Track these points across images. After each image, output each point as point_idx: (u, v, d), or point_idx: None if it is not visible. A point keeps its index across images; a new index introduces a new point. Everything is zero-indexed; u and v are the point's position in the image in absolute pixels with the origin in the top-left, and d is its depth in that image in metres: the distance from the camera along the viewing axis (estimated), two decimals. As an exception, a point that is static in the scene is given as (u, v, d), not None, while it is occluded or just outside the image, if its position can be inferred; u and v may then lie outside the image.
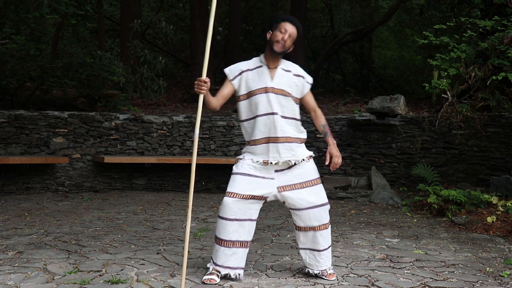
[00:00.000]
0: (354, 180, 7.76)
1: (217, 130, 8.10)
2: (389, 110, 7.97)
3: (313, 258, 3.48)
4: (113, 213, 5.91)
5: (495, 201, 5.91)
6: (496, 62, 6.57)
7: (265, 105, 3.36)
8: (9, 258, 3.82)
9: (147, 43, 13.16)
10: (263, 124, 3.37)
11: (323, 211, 3.43)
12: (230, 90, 3.48)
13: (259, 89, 3.38)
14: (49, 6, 7.24)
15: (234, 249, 3.36)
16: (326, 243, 3.48)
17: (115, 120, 7.77)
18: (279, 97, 3.39)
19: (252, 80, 3.41)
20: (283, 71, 3.45)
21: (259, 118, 3.37)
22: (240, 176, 3.40)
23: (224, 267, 3.36)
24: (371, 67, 14.84)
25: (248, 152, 3.47)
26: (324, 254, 3.47)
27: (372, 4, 15.08)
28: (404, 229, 5.33)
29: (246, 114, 3.45)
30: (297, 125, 3.47)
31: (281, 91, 3.39)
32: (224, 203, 3.34)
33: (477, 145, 7.82)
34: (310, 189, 3.42)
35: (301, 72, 3.53)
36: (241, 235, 3.36)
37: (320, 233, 3.43)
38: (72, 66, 8.56)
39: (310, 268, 3.52)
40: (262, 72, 3.42)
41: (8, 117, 7.28)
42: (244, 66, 3.47)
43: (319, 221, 3.42)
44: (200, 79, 3.23)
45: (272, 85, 3.39)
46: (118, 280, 3.31)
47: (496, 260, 4.10)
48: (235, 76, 3.45)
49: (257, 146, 3.40)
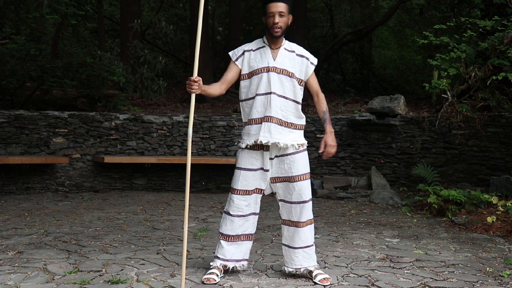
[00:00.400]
0: (354, 180, 7.76)
1: (217, 130, 8.10)
2: (389, 110, 7.97)
3: (289, 255, 3.48)
4: (113, 213, 5.91)
5: (495, 201, 5.91)
6: (496, 62, 6.57)
7: (265, 84, 3.35)
8: (9, 258, 3.82)
9: (147, 43, 13.15)
10: (261, 103, 3.36)
11: (304, 208, 3.41)
12: (234, 72, 3.45)
13: (260, 68, 3.37)
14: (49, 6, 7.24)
15: (239, 242, 3.44)
16: (303, 242, 3.43)
17: (115, 120, 7.77)
18: (281, 77, 3.37)
19: (254, 59, 3.40)
20: (286, 51, 3.43)
21: (258, 97, 3.37)
22: (242, 172, 3.42)
23: (230, 260, 3.42)
24: (371, 67, 14.84)
25: (244, 134, 3.46)
26: (299, 252, 3.43)
27: (372, 4, 15.09)
28: (404, 229, 5.33)
29: (245, 93, 3.45)
30: (296, 108, 3.42)
31: (284, 71, 3.37)
32: (230, 199, 3.41)
33: (477, 145, 7.82)
34: (296, 185, 3.39)
35: (305, 52, 3.49)
36: (246, 229, 3.45)
37: (297, 230, 3.42)
38: (72, 66, 8.56)
39: (285, 266, 3.51)
40: (265, 52, 3.41)
41: (8, 117, 7.28)
42: (247, 47, 3.47)
43: (299, 218, 3.42)
44: (191, 79, 3.21)
45: (275, 64, 3.37)
46: (118, 280, 3.31)
47: (496, 260, 4.10)
48: (238, 57, 3.45)
49: (252, 125, 3.39)
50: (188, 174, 3.18)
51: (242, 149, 3.46)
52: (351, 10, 14.80)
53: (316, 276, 3.40)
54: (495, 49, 6.54)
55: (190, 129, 3.20)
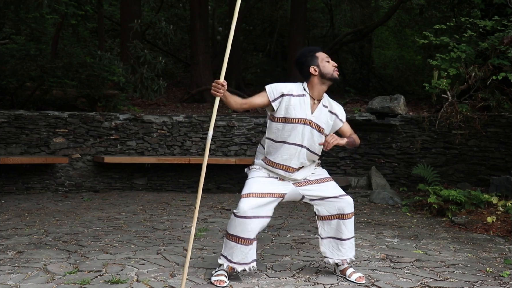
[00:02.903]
0: (354, 180, 7.76)
1: (217, 130, 8.09)
2: (389, 110, 7.97)
3: (336, 247, 3.50)
4: (113, 213, 5.91)
5: (495, 201, 5.91)
6: (496, 62, 6.57)
7: (298, 135, 3.39)
8: (9, 258, 3.82)
9: (147, 43, 13.16)
10: (289, 152, 3.39)
11: (347, 202, 3.46)
12: (264, 104, 3.43)
13: (298, 119, 3.38)
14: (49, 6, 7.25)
15: (250, 245, 3.41)
16: (350, 233, 3.49)
17: (115, 120, 7.77)
18: (314, 132, 3.42)
19: (293, 107, 3.38)
20: (323, 106, 3.47)
21: (287, 146, 3.39)
22: (256, 179, 3.44)
23: (241, 263, 3.37)
24: (371, 67, 14.84)
25: (263, 167, 3.51)
26: (346, 244, 3.49)
27: (372, 4, 15.08)
28: (404, 229, 5.33)
29: (275, 135, 3.44)
30: (315, 158, 3.53)
31: (317, 127, 3.43)
32: (241, 205, 3.32)
33: (477, 145, 7.81)
34: (326, 184, 3.50)
35: (337, 109, 3.55)
36: (256, 232, 3.44)
37: (344, 222, 3.46)
38: (72, 66, 8.55)
39: (330, 258, 3.52)
40: (305, 102, 3.41)
41: (8, 117, 7.28)
42: (286, 90, 3.41)
43: (343, 210, 3.45)
44: (218, 82, 3.19)
45: (312, 118, 3.40)
46: (118, 280, 3.31)
47: (496, 260, 4.10)
48: (275, 98, 3.39)
49: (274, 168, 3.45)
50: (203, 175, 3.19)
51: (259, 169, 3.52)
52: (351, 10, 14.78)
53: (351, 275, 3.47)
54: (495, 49, 6.54)
55: (210, 131, 3.21)
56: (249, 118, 8.21)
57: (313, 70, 3.42)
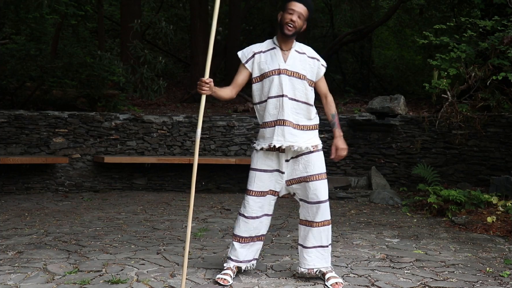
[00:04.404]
0: (354, 180, 7.76)
1: (217, 130, 8.09)
2: (389, 110, 7.97)
3: (302, 255, 3.43)
4: (113, 213, 5.91)
5: (495, 201, 5.91)
6: (496, 62, 6.57)
7: (276, 87, 3.33)
8: (9, 258, 3.82)
9: (147, 43, 13.16)
10: (273, 106, 3.34)
11: (319, 209, 3.37)
12: (245, 75, 3.44)
13: (271, 71, 3.34)
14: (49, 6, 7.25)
15: (252, 242, 3.45)
16: (317, 241, 3.38)
17: (115, 120, 7.77)
18: (293, 79, 3.34)
19: (264, 61, 3.37)
20: (297, 53, 3.40)
21: (270, 100, 3.35)
22: (257, 173, 3.41)
23: (244, 261, 3.44)
24: (371, 67, 14.84)
25: (260, 137, 3.46)
26: (312, 252, 3.38)
27: (372, 4, 15.07)
28: (404, 229, 5.33)
29: (259, 97, 3.42)
30: (308, 110, 3.40)
31: (295, 74, 3.35)
32: (246, 201, 3.40)
33: (477, 145, 7.81)
34: (312, 184, 3.37)
35: (315, 54, 3.48)
36: (259, 231, 3.45)
37: (311, 230, 3.38)
38: (72, 66, 8.55)
39: (299, 266, 3.47)
40: (275, 54, 3.38)
41: (8, 117, 7.28)
42: (257, 48, 3.43)
43: (313, 217, 3.38)
44: (202, 80, 3.22)
45: (285, 67, 3.34)
46: (118, 280, 3.31)
47: (496, 260, 4.10)
48: (248, 59, 3.41)
49: (266, 129, 3.38)
50: (194, 173, 3.18)
51: (257, 150, 3.45)
52: (351, 10, 14.78)
53: (329, 279, 3.35)
54: (495, 49, 6.54)
55: (198, 129, 3.22)
56: (249, 118, 8.21)
57: (279, 16, 3.39)
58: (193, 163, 3.20)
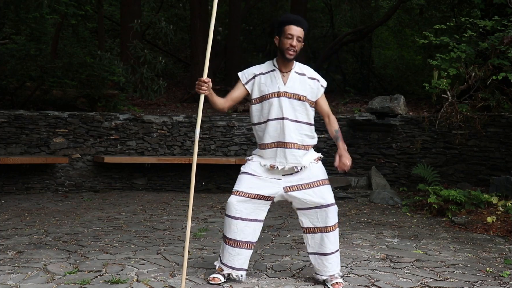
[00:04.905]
0: (354, 180, 7.76)
1: (217, 130, 8.10)
2: (389, 110, 7.97)
3: (321, 263, 3.35)
4: (113, 213, 5.91)
5: (495, 201, 5.91)
6: (496, 62, 6.57)
7: (276, 109, 3.34)
8: (9, 258, 3.82)
9: (147, 43, 13.16)
10: (273, 128, 3.35)
11: (330, 212, 3.33)
12: (241, 93, 3.45)
13: (271, 94, 3.36)
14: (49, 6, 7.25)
15: (238, 249, 3.34)
16: (334, 246, 3.35)
17: (115, 120, 7.77)
18: (293, 102, 3.36)
19: (264, 84, 3.38)
20: (296, 74, 3.42)
21: (270, 123, 3.36)
22: (247, 176, 3.40)
23: (228, 266, 3.36)
24: (371, 67, 14.84)
25: (257, 155, 3.46)
26: (331, 258, 3.34)
27: (372, 4, 15.08)
28: (404, 229, 5.33)
29: (258, 118, 3.43)
30: (311, 130, 3.43)
31: (295, 95, 3.37)
32: (229, 201, 3.37)
33: (477, 145, 7.81)
34: (317, 189, 3.34)
35: (315, 75, 3.50)
36: (246, 236, 3.34)
37: (327, 235, 3.33)
38: (72, 66, 8.55)
39: (319, 274, 3.39)
40: (275, 76, 3.39)
41: (8, 117, 7.28)
42: (257, 70, 3.44)
43: (325, 222, 3.32)
44: (201, 79, 3.25)
45: (285, 89, 3.36)
46: (118, 280, 3.31)
47: (496, 260, 4.10)
48: (248, 80, 3.43)
49: (266, 150, 3.39)
50: (193, 173, 3.18)
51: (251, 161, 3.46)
52: (351, 10, 14.78)
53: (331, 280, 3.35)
54: (495, 49, 6.54)
55: (197, 130, 3.23)
56: (249, 118, 8.20)
57: (276, 41, 3.40)
58: (192, 163, 3.20)
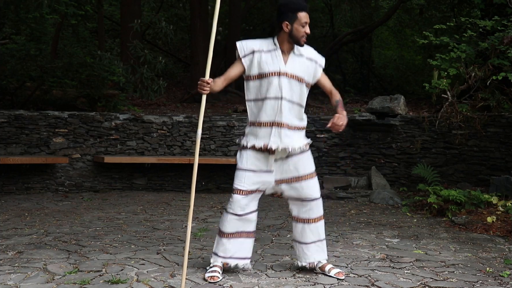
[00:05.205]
0: (354, 180, 7.76)
1: (217, 130, 8.10)
2: (389, 110, 7.97)
3: (301, 250, 3.55)
4: (113, 213, 5.91)
5: (495, 201, 5.91)
6: (496, 62, 6.57)
7: (275, 88, 3.35)
8: (9, 258, 3.82)
9: (147, 43, 13.16)
10: (271, 107, 3.36)
11: (314, 205, 3.49)
12: (239, 70, 3.44)
13: (271, 72, 3.36)
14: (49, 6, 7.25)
15: (241, 239, 3.44)
16: (315, 236, 3.52)
17: (115, 120, 7.77)
18: (291, 82, 3.38)
19: (265, 62, 3.38)
20: (296, 55, 3.43)
21: (268, 101, 3.37)
22: (245, 172, 3.43)
23: (234, 258, 3.43)
24: (371, 67, 14.84)
25: (251, 135, 3.46)
26: (311, 247, 3.52)
27: (372, 4, 15.08)
28: (404, 229, 5.33)
29: (254, 94, 3.43)
30: (300, 111, 3.46)
31: (294, 76, 3.38)
32: (234, 200, 3.42)
33: (477, 145, 7.81)
34: (304, 184, 3.46)
35: (313, 55, 3.50)
36: (247, 227, 3.47)
37: (309, 226, 3.50)
38: (72, 66, 8.55)
39: (298, 260, 3.60)
40: (276, 55, 3.39)
41: (8, 117, 7.28)
42: (257, 46, 3.42)
43: (308, 214, 3.50)
44: (203, 80, 3.26)
45: (285, 69, 3.37)
46: (118, 280, 3.31)
47: (496, 260, 4.11)
48: (246, 54, 3.41)
49: (261, 128, 3.40)
50: (195, 173, 3.19)
51: (245, 148, 3.46)
52: (351, 10, 14.78)
53: (331, 270, 3.51)
54: (495, 49, 6.54)
55: (199, 130, 3.24)
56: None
57: (285, 27, 3.37)
58: (194, 163, 3.21)
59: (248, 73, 3.43)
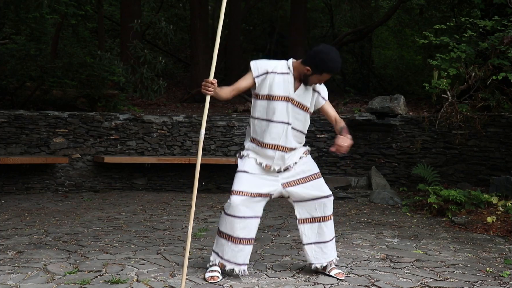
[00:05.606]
0: (354, 180, 7.76)
1: (217, 130, 8.10)
2: (389, 110, 7.97)
3: (320, 251, 3.53)
4: (113, 213, 5.91)
5: (495, 201, 5.91)
6: (496, 62, 6.57)
7: (282, 113, 3.39)
8: (9, 258, 3.82)
9: (147, 43, 13.16)
10: (276, 131, 3.40)
11: (328, 202, 3.53)
12: (249, 84, 3.45)
13: (280, 96, 3.39)
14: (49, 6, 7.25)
15: (241, 246, 3.39)
16: (331, 234, 3.57)
17: (115, 120, 7.77)
18: (296, 110, 3.43)
19: (277, 84, 3.39)
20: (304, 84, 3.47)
21: (273, 124, 3.40)
22: (245, 174, 3.41)
23: (231, 262, 3.39)
24: (371, 67, 14.84)
25: (252, 151, 3.48)
26: (330, 245, 3.56)
27: (372, 4, 15.07)
28: (404, 229, 5.33)
29: (260, 113, 3.45)
30: (302, 137, 3.55)
31: (300, 105, 3.44)
32: (232, 201, 3.35)
33: (477, 145, 7.81)
34: (314, 183, 3.51)
35: (319, 88, 3.54)
36: (248, 233, 3.40)
37: (325, 224, 3.53)
38: (72, 66, 8.55)
39: (317, 263, 3.54)
40: (288, 80, 3.41)
41: (8, 117, 7.28)
42: (271, 67, 3.43)
43: (324, 212, 3.52)
44: (208, 80, 3.25)
45: (294, 96, 3.41)
46: (118, 280, 3.31)
47: (496, 260, 4.11)
48: (260, 74, 3.42)
49: (263, 149, 3.43)
50: (197, 174, 3.19)
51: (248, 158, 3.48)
52: (351, 10, 14.79)
53: (331, 270, 3.54)
54: (495, 49, 6.54)
55: (202, 130, 3.23)
56: (249, 118, 8.21)
57: (306, 70, 3.38)
58: (196, 163, 3.20)
59: (258, 91, 3.44)
